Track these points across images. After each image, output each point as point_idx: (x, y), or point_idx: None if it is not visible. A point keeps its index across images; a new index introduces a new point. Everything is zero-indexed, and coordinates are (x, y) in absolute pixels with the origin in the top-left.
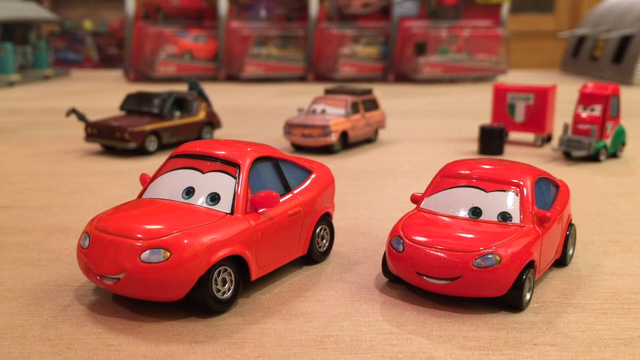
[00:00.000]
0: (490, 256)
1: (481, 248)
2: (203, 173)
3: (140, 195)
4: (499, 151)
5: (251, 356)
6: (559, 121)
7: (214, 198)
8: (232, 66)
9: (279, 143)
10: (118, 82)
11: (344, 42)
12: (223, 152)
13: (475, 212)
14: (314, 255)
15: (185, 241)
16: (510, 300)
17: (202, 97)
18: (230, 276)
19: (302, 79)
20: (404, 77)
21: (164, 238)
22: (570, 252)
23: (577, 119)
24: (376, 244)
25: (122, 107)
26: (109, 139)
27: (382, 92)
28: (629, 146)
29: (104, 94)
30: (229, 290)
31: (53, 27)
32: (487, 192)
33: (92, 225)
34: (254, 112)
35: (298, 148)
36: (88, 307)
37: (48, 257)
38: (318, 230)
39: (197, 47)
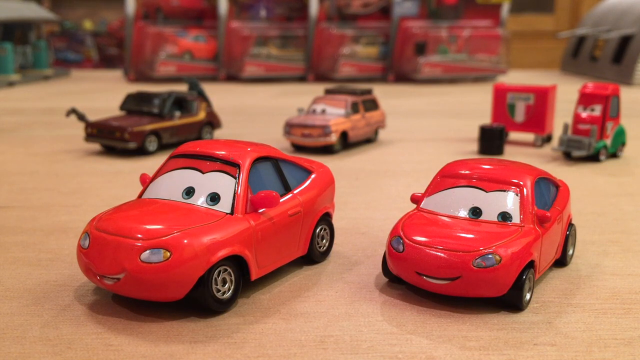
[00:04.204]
0: (490, 256)
1: (481, 248)
2: (203, 173)
3: (140, 195)
4: (499, 151)
5: (251, 356)
6: (559, 121)
7: (214, 198)
8: (232, 66)
9: (279, 143)
10: (118, 82)
11: (344, 42)
12: (223, 152)
13: (475, 212)
14: (314, 255)
15: (185, 241)
16: (510, 300)
17: (202, 97)
18: (230, 276)
19: (302, 79)
20: (404, 77)
21: (164, 238)
22: (570, 252)
23: (577, 119)
24: (376, 244)
25: (122, 107)
26: (109, 139)
27: (382, 92)
28: (629, 146)
29: (104, 94)
30: (229, 290)
31: (53, 27)
32: (487, 192)
33: (92, 225)
34: (254, 112)
35: (298, 148)
36: (88, 307)
37: (48, 257)
38: (318, 230)
39: (197, 47)
